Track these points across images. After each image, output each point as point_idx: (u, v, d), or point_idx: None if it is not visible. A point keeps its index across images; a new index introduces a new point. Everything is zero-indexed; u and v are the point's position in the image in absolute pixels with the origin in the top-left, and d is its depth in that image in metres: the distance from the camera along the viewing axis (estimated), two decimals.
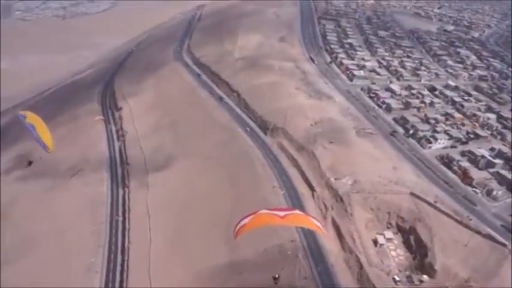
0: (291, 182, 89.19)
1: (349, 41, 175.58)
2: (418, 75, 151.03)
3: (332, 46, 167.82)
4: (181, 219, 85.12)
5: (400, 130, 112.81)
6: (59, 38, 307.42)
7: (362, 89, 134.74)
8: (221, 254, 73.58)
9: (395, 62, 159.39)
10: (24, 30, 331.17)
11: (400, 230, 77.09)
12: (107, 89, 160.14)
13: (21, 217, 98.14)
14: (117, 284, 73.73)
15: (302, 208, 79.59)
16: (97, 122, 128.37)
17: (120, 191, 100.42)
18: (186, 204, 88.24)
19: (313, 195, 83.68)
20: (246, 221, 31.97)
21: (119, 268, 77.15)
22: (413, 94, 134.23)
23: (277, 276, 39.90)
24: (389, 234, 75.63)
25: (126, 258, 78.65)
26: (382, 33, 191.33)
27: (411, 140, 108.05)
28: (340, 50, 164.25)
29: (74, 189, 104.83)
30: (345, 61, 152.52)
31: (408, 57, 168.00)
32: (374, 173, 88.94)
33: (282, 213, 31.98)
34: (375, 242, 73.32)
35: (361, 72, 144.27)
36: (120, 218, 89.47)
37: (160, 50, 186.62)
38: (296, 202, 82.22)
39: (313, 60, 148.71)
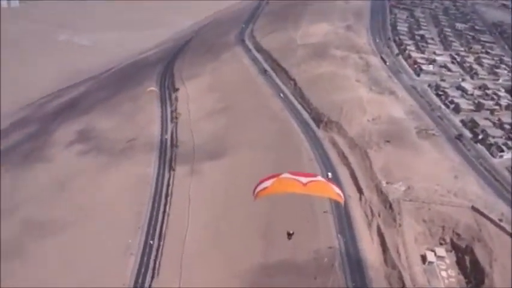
0: (338, 181, 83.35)
1: (421, 32, 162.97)
2: (496, 73, 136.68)
3: (401, 37, 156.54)
4: (221, 210, 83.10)
5: (468, 134, 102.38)
6: (134, 17, 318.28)
7: (429, 86, 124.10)
8: (256, 251, 70.52)
9: (471, 58, 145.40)
10: (103, 8, 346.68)
11: (454, 248, 69.29)
12: (167, 69, 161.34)
13: (74, 190, 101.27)
14: (150, 269, 73.54)
15: (347, 213, 74.64)
16: (149, 93, 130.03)
17: (166, 174, 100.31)
18: (227, 195, 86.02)
19: (360, 199, 77.78)
20: (267, 183, 30.68)
21: (154, 253, 76.78)
22: (487, 95, 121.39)
23: (291, 232, 37.13)
24: (441, 251, 68.20)
25: (162, 243, 78.09)
26: (459, 25, 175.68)
27: (479, 147, 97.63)
28: (410, 42, 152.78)
29: (124, 167, 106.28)
30: (414, 54, 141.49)
31: (487, 53, 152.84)
32: (431, 180, 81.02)
33: (304, 180, 30.57)
34: (424, 258, 66.32)
35: (430, 67, 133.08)
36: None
37: (224, 33, 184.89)
38: (340, 204, 76.94)
39: (384, 61, 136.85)
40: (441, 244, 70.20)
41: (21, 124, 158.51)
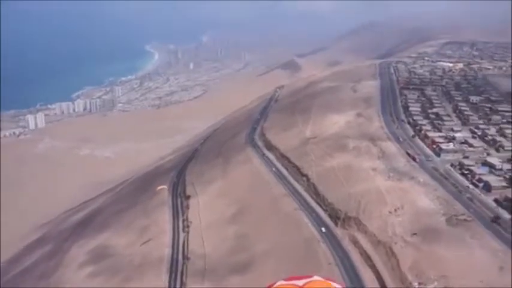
0: (362, 286, 73.42)
1: (434, 110, 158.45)
2: None
3: (415, 118, 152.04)
4: None
5: (506, 215, 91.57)
6: (153, 126, 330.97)
7: (452, 165, 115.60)
8: None
9: (493, 130, 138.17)
10: (123, 121, 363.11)
11: None
12: (180, 176, 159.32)
13: None
14: None
15: None
16: (160, 191, 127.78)
17: None
18: None
19: None
20: None
21: None
22: None
23: None
24: None
25: None
26: (474, 98, 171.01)
27: None
28: (425, 122, 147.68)
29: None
30: (430, 134, 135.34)
31: (508, 123, 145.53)
32: (472, 276, 69.95)
33: (300, 283, 25.16)
34: None
35: (450, 145, 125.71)
36: None
37: (235, 134, 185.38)
38: None
39: (414, 159, 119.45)
40: None
41: (36, 245, 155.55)
